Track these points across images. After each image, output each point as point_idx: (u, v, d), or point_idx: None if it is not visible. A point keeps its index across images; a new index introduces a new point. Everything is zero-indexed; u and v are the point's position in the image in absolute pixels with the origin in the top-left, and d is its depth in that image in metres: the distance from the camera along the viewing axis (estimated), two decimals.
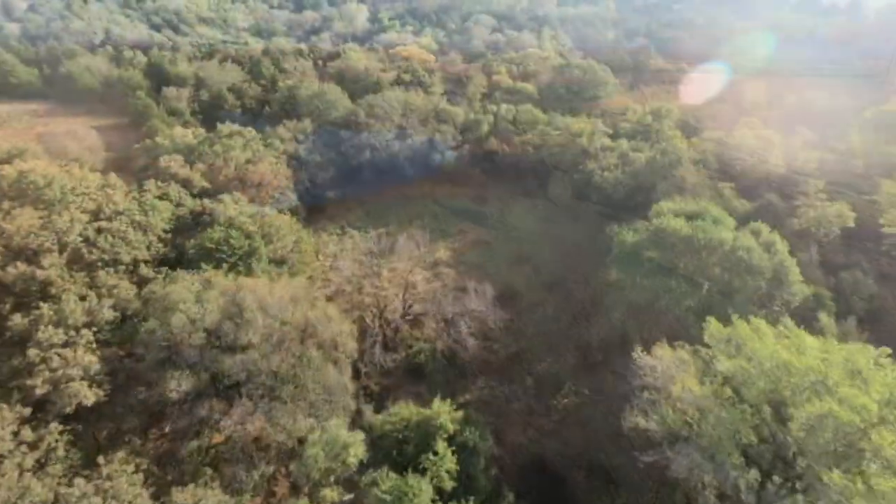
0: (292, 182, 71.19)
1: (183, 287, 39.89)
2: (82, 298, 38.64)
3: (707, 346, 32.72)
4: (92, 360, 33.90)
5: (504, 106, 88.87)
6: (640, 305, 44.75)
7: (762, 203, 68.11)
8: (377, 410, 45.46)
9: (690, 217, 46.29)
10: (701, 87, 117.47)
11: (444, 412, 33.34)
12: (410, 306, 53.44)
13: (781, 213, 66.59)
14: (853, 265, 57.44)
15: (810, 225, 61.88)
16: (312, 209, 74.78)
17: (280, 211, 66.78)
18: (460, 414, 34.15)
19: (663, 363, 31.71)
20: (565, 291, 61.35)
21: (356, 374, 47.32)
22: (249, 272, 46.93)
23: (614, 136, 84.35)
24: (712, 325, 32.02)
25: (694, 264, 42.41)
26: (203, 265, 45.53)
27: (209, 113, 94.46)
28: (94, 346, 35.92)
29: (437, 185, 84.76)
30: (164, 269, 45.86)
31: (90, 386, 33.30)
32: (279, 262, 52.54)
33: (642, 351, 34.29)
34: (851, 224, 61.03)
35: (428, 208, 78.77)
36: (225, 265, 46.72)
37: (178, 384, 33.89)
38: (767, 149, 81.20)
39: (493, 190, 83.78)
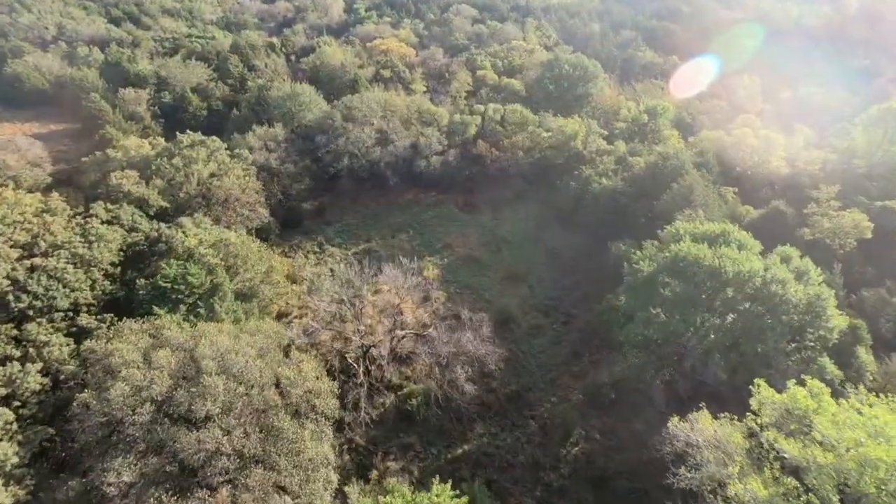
0: (263, 196, 64.19)
1: (129, 344, 33.27)
2: (2, 363, 31.73)
3: (753, 411, 27.41)
4: (8, 452, 27.22)
5: (492, 106, 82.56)
6: (657, 340, 39.43)
7: (769, 211, 63.28)
8: (364, 469, 39.79)
9: (711, 240, 40.99)
10: (692, 81, 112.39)
11: (444, 500, 27.55)
12: (400, 340, 47.41)
13: (791, 221, 61.89)
14: (875, 282, 52.98)
15: (825, 236, 57.25)
16: (287, 224, 68.00)
17: (249, 231, 60.06)
18: (464, 502, 28.28)
19: (704, 436, 26.33)
20: (565, 315, 55.92)
21: (339, 426, 41.43)
22: (212, 314, 40.37)
23: (609, 138, 78.86)
24: (762, 391, 26.73)
25: (720, 298, 37.15)
26: (156, 308, 38.80)
27: (172, 116, 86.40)
28: (14, 427, 29.20)
29: (423, 191, 78.44)
30: (109, 316, 38.96)
31: (6, 484, 26.70)
32: (248, 297, 46.01)
33: (679, 420, 28.79)
34: (869, 235, 56.54)
35: (413, 218, 72.44)
36: (183, 306, 40.08)
37: (117, 475, 27.46)
38: (769, 148, 76.62)
39: (482, 196, 77.73)
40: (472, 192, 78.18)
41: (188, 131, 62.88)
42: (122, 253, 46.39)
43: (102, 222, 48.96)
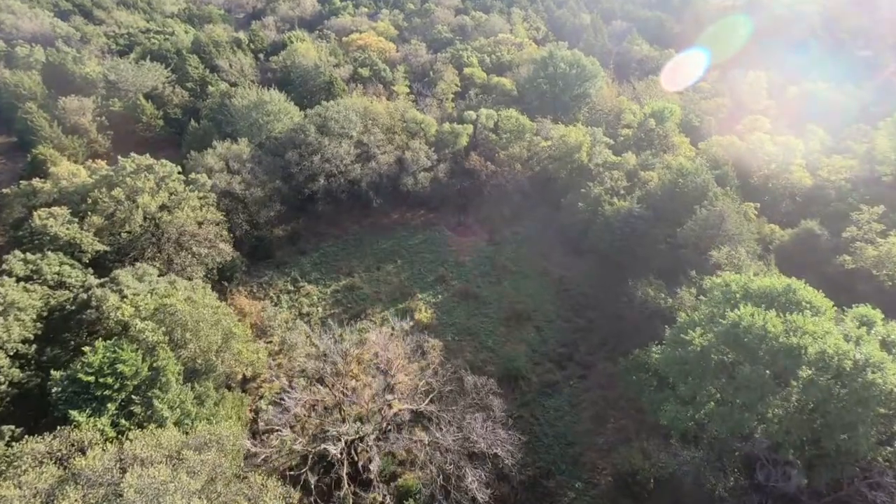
0: (226, 228, 54.45)
1: (23, 488, 23.96)
2: None
3: None
4: None
5: (484, 112, 73.23)
6: (715, 433, 31.40)
7: (801, 233, 55.60)
8: None
9: (771, 300, 32.90)
10: (692, 76, 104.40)
11: None
12: (393, 417, 38.66)
13: (825, 245, 54.35)
14: None
15: (869, 265, 49.73)
16: (255, 256, 58.44)
17: (210, 271, 50.49)
18: None
19: None
20: (582, 366, 47.68)
21: None
22: (150, 413, 31.06)
23: (615, 147, 70.23)
24: None
25: (796, 382, 29.10)
26: (74, 414, 29.36)
27: (122, 128, 75.36)
28: None
29: (410, 210, 69.29)
30: (9, 428, 29.41)
31: None
32: (201, 373, 36.68)
33: None
34: None
35: (400, 243, 63.34)
36: (111, 405, 30.69)
37: None
38: (787, 155, 68.99)
39: (476, 214, 68.85)
40: (466, 210, 69.22)
41: (133, 154, 52.40)
42: (41, 322, 36.64)
43: (18, 279, 39.05)
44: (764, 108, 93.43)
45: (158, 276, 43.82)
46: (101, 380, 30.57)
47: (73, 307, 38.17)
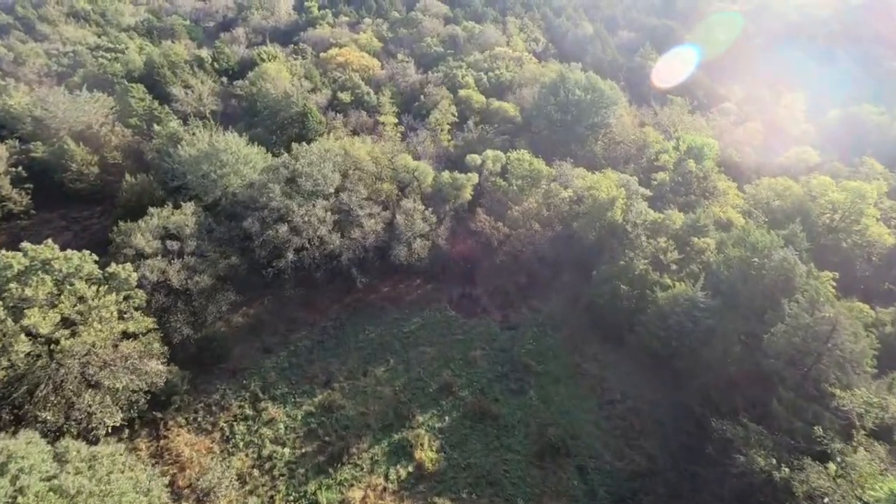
0: (158, 338, 39.56)
1: None
2: None
3: None
4: None
5: (490, 154, 58.79)
6: None
7: None
8: None
9: None
10: (715, 95, 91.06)
11: None
12: None
13: None
14: None
15: None
16: (203, 362, 43.56)
17: (132, 406, 35.83)
18: None
19: None
20: None
21: None
22: None
23: (651, 197, 56.33)
24: None
25: None
26: None
27: (47, 178, 59.67)
28: None
29: (403, 280, 54.84)
30: None
31: None
32: None
33: None
34: None
35: (392, 331, 48.90)
36: None
37: None
38: (855, 204, 55.78)
39: (484, 284, 54.68)
40: (472, 280, 54.93)
41: (25, 244, 37.18)
42: None
43: None
44: (801, 132, 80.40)
45: (48, 441, 29.48)
46: None
47: None
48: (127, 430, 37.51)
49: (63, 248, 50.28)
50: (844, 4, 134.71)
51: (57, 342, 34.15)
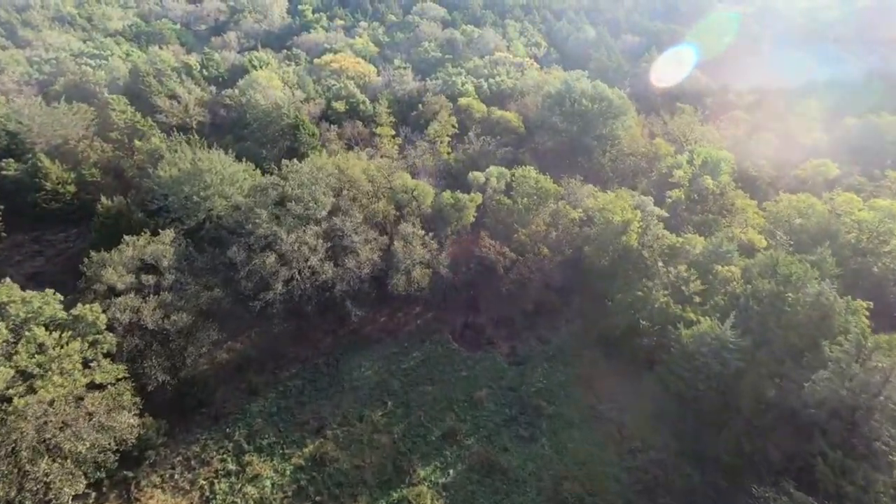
0: (129, 388, 35.26)
1: None
2: None
3: None
4: None
5: (494, 171, 54.65)
6: None
7: None
8: None
9: None
10: (724, 102, 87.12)
11: None
12: None
13: None
14: None
15: None
16: (183, 407, 39.39)
17: (99, 469, 31.59)
18: None
19: None
20: None
21: None
22: None
23: (666, 218, 52.24)
24: None
25: None
26: None
27: (19, 198, 55.30)
28: None
29: (402, 308, 50.75)
30: None
31: None
32: None
33: None
34: None
35: (390, 370, 44.73)
36: None
37: None
38: (883, 224, 51.89)
39: (489, 312, 50.66)
40: (475, 307, 50.89)
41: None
42: None
43: None
44: (813, 141, 76.40)
45: None
46: None
47: None
48: (94, 494, 33.32)
49: (33, 276, 46.04)
50: (850, 6, 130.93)
51: (10, 401, 29.88)
